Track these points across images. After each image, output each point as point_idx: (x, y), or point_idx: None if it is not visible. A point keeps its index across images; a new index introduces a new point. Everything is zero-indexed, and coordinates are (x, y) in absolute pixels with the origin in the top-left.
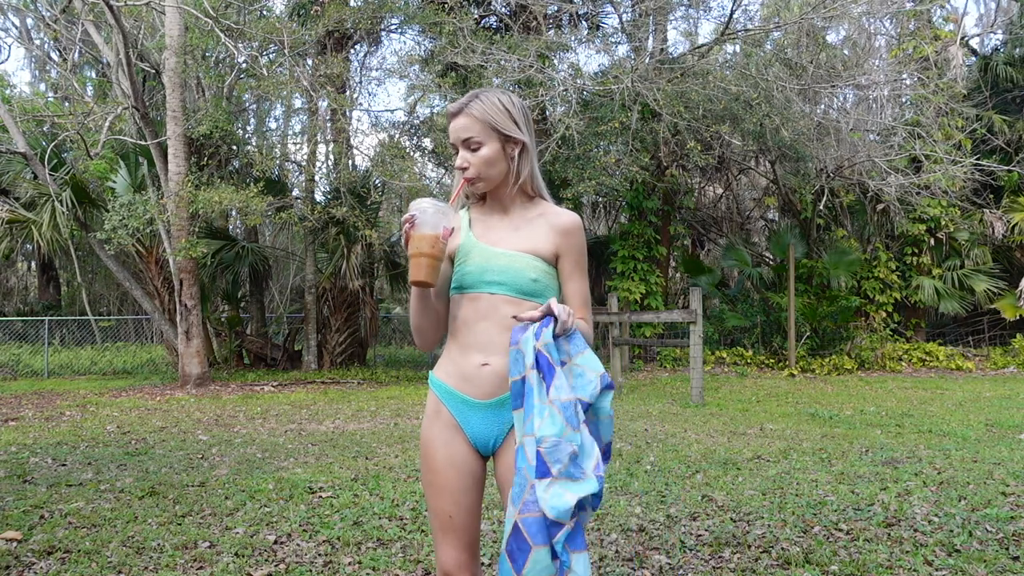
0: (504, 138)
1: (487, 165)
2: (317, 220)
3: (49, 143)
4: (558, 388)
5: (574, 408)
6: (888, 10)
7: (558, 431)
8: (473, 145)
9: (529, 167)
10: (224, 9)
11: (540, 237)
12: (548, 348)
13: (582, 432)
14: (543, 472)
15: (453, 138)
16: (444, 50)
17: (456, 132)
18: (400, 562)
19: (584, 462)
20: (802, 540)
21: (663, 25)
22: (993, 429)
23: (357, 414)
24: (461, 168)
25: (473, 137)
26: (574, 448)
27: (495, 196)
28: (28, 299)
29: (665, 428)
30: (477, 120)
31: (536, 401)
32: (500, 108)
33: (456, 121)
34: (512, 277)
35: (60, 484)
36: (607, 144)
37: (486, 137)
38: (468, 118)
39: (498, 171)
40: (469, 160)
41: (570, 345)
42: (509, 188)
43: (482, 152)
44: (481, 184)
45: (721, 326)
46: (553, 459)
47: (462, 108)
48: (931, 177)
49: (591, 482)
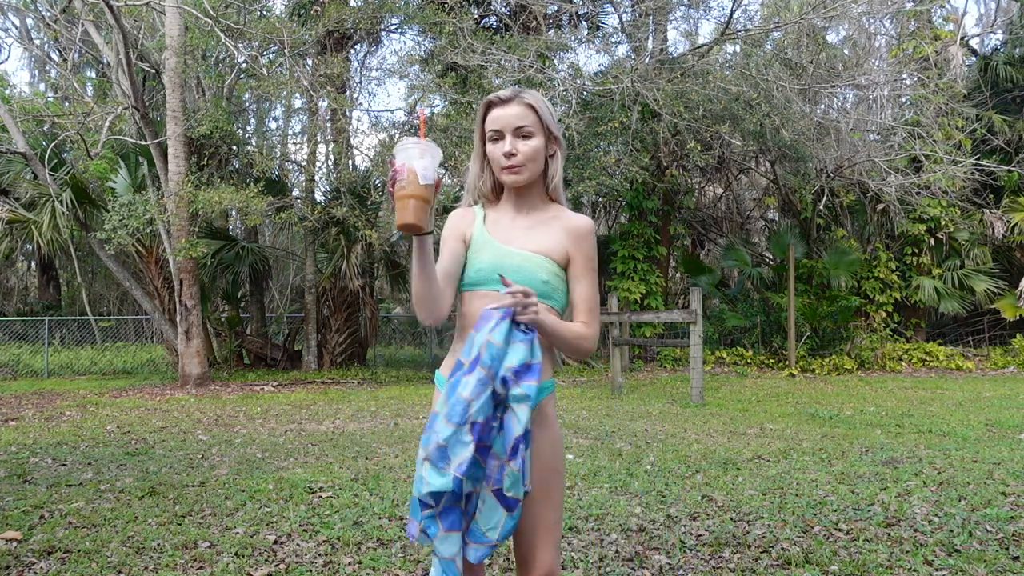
0: (548, 135)
1: (532, 157)
2: (317, 220)
3: (49, 143)
4: (465, 384)
5: (464, 407)
6: (888, 10)
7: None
8: (525, 133)
9: (560, 171)
10: (224, 9)
11: (553, 239)
12: (488, 346)
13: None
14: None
15: (501, 124)
16: (444, 50)
17: (509, 119)
18: (400, 562)
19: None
20: (802, 540)
21: (663, 25)
22: (993, 429)
23: (357, 414)
24: (508, 155)
25: (527, 126)
26: (440, 441)
27: (517, 193)
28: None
29: (665, 428)
30: (532, 111)
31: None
32: (547, 107)
33: (508, 108)
34: (524, 277)
35: (60, 484)
36: (607, 144)
37: (537, 129)
38: (523, 107)
39: (538, 167)
40: (518, 147)
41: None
42: (538, 187)
43: (532, 142)
44: (524, 174)
45: (721, 326)
46: (423, 441)
47: (515, 97)
48: (931, 177)
49: (447, 478)
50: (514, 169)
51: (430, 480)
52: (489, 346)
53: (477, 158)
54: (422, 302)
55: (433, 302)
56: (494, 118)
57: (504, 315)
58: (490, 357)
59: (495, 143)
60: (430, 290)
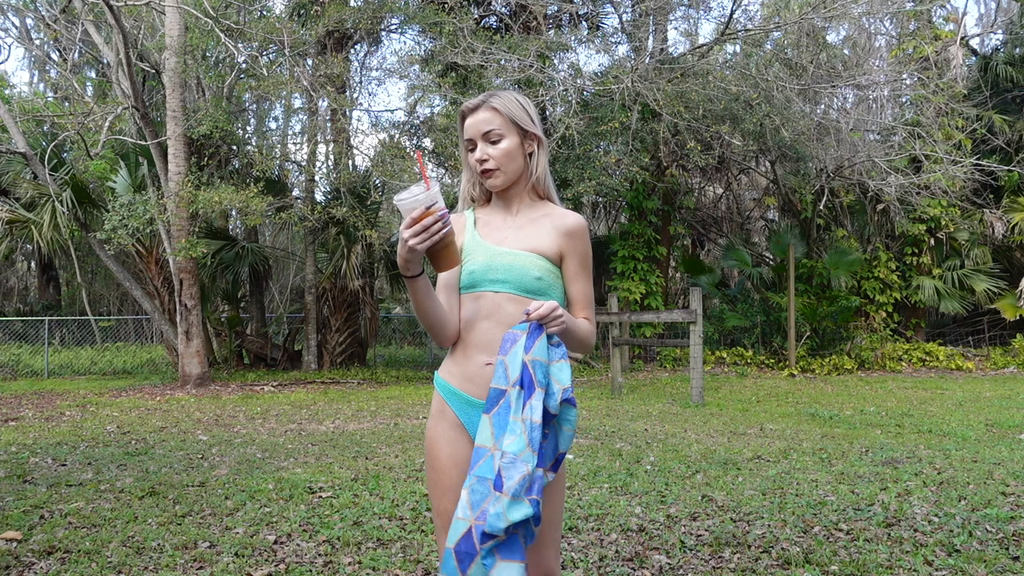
0: (523, 133)
1: (507, 158)
2: (317, 220)
3: (49, 143)
4: (532, 408)
5: (540, 431)
6: (888, 10)
7: (518, 449)
8: (494, 137)
9: (543, 166)
10: (224, 9)
11: (545, 237)
12: (534, 364)
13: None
14: (498, 486)
15: (471, 133)
16: (444, 50)
17: (476, 126)
18: (400, 562)
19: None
20: (802, 540)
21: (663, 25)
22: (993, 429)
23: (357, 414)
24: (480, 161)
25: (494, 130)
26: (528, 469)
27: (504, 195)
28: (28, 299)
29: (665, 428)
30: (498, 113)
31: (511, 417)
32: (518, 104)
33: (476, 115)
34: (516, 275)
35: (60, 484)
36: (607, 144)
37: (507, 131)
38: (489, 111)
39: (517, 166)
40: (489, 153)
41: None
42: (522, 186)
43: (503, 144)
44: (500, 178)
45: (721, 326)
46: (507, 475)
47: (481, 103)
48: (931, 177)
49: (525, 507)
50: (488, 174)
51: (509, 515)
52: (538, 365)
53: (466, 165)
54: (439, 327)
55: (447, 325)
56: (466, 127)
57: (534, 331)
58: (543, 375)
59: (471, 152)
60: (439, 312)
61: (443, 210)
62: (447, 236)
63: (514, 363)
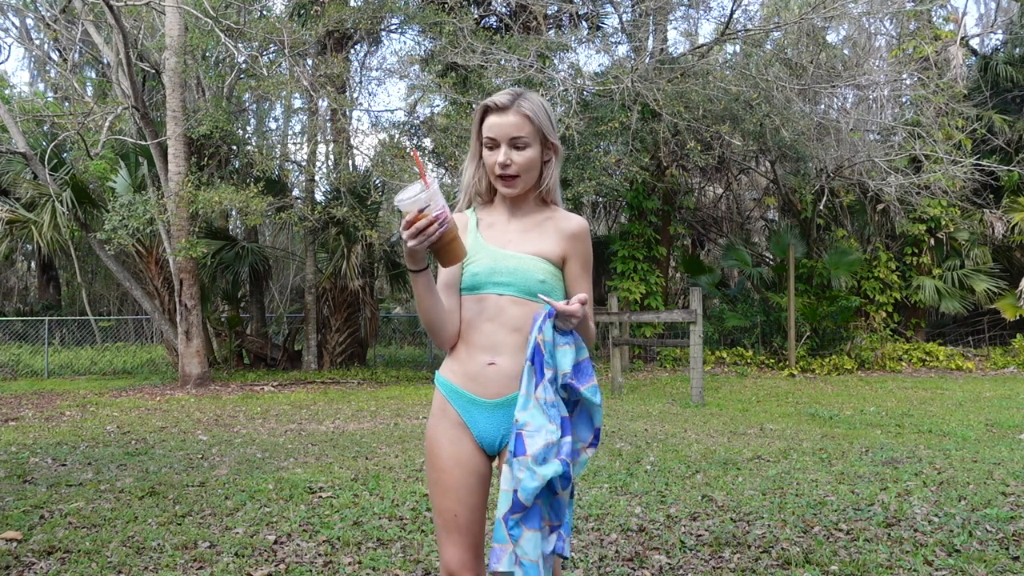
0: (544, 143)
1: (529, 167)
2: (317, 220)
3: (49, 143)
4: (545, 389)
5: (557, 408)
6: (888, 10)
7: (539, 423)
8: (521, 144)
9: (556, 175)
10: (224, 9)
11: (548, 240)
12: (545, 344)
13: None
14: (521, 451)
15: (496, 133)
16: (444, 50)
17: (504, 128)
18: (400, 562)
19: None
20: (802, 540)
21: (663, 25)
22: (993, 429)
23: (357, 414)
24: (503, 165)
25: (523, 137)
26: (551, 439)
27: (511, 199)
28: (28, 299)
29: (665, 428)
30: (529, 121)
31: (523, 393)
32: (545, 113)
33: (505, 117)
34: (520, 278)
35: (60, 484)
36: (607, 144)
37: (533, 139)
38: (520, 117)
39: (532, 176)
40: (513, 159)
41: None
42: (532, 192)
43: (527, 153)
44: (519, 186)
45: (721, 326)
46: (531, 442)
47: (511, 104)
48: (931, 177)
49: (555, 464)
50: (508, 181)
51: (542, 471)
52: (546, 344)
53: (473, 159)
54: (440, 327)
55: (447, 325)
56: (490, 125)
57: (548, 314)
58: (550, 355)
59: (490, 151)
60: (440, 311)
61: (440, 209)
62: (447, 234)
63: (531, 340)
